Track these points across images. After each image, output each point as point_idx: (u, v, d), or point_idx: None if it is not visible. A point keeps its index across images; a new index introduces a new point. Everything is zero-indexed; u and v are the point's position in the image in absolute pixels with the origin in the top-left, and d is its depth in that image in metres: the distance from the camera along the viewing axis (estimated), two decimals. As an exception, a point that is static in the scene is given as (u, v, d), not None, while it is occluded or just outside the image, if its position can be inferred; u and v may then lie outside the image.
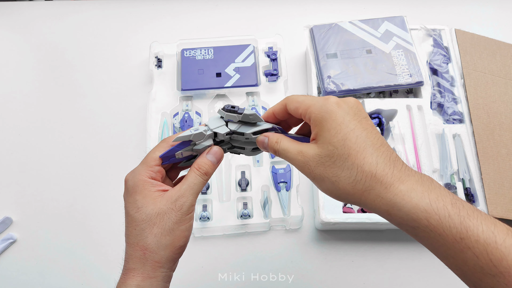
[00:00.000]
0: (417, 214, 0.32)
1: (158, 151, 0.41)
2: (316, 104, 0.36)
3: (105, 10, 0.90)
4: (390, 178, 0.33)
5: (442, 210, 0.32)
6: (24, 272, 0.66)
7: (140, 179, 0.39)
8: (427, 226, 0.32)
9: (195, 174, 0.39)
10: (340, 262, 0.66)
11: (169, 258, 0.38)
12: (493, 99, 0.72)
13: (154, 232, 0.37)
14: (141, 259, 0.37)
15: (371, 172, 0.34)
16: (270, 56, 0.78)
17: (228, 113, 0.40)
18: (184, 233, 0.38)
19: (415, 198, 0.33)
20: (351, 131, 0.35)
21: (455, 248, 0.31)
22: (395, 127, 0.70)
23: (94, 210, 0.70)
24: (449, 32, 0.79)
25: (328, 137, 0.35)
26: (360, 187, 0.34)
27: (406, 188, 0.33)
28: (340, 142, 0.34)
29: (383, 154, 0.35)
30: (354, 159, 0.34)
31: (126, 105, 0.79)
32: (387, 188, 0.33)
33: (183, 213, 0.38)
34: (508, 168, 0.67)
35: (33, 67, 0.83)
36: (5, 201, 0.71)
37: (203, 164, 0.40)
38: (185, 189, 0.39)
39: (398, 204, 0.33)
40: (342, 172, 0.34)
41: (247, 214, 0.66)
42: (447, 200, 0.33)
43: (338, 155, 0.34)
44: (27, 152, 0.75)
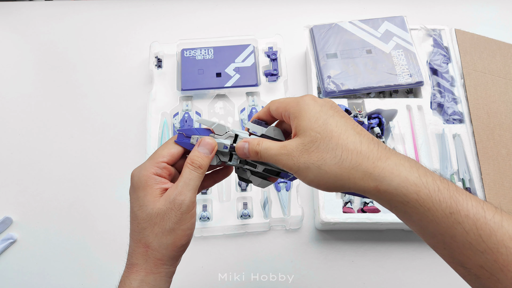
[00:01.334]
0: (407, 188, 0.32)
1: (167, 148, 0.40)
2: (294, 100, 0.38)
3: (105, 10, 0.90)
4: (376, 154, 0.33)
5: (432, 184, 0.32)
6: (24, 272, 0.66)
7: (144, 174, 0.39)
8: (416, 200, 0.31)
9: (189, 169, 0.38)
10: (340, 262, 0.66)
11: (171, 256, 0.38)
12: (493, 99, 0.72)
13: (155, 231, 0.37)
14: (144, 255, 0.37)
15: (356, 150, 0.33)
16: (270, 56, 0.78)
17: (254, 125, 0.41)
18: (186, 232, 0.38)
19: (404, 172, 0.32)
20: (330, 117, 0.35)
21: (445, 224, 0.31)
22: (395, 127, 0.70)
23: (94, 210, 0.70)
24: (449, 32, 0.79)
25: (309, 124, 0.35)
26: (347, 165, 0.33)
27: (394, 162, 0.33)
28: (321, 127, 0.35)
29: (365, 137, 0.35)
30: (337, 139, 0.34)
31: (126, 105, 0.79)
32: (374, 163, 0.33)
33: (183, 212, 0.37)
34: (508, 168, 0.67)
35: (33, 67, 0.83)
36: (5, 201, 0.71)
37: (195, 157, 0.39)
38: (182, 186, 0.38)
39: (387, 178, 0.32)
40: (327, 154, 0.34)
41: (247, 214, 0.66)
42: (435, 176, 0.33)
43: (321, 138, 0.34)
44: (27, 152, 0.75)
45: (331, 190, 0.36)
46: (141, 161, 0.72)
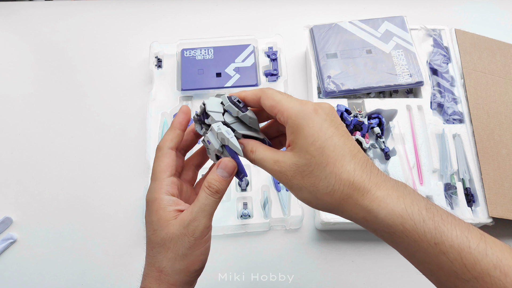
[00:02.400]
0: (393, 219, 0.32)
1: (161, 161, 0.38)
2: (294, 108, 0.35)
3: (105, 10, 0.90)
4: (367, 185, 0.33)
5: (417, 215, 0.32)
6: (24, 272, 0.66)
7: (155, 197, 0.37)
8: (402, 231, 0.32)
9: (205, 194, 0.37)
10: (340, 262, 0.66)
11: (184, 281, 0.37)
12: (493, 99, 0.72)
13: (168, 256, 0.36)
14: (157, 279, 0.37)
15: (349, 180, 0.33)
16: (270, 56, 0.78)
17: (231, 105, 0.38)
18: (199, 258, 0.37)
19: (391, 203, 0.33)
20: (329, 138, 0.34)
21: (430, 253, 0.32)
22: (395, 127, 0.70)
23: (94, 210, 0.70)
24: (449, 32, 0.79)
25: (305, 145, 0.34)
26: (338, 196, 0.34)
27: (382, 194, 0.33)
28: (318, 151, 0.34)
29: (360, 161, 0.34)
30: (333, 167, 0.33)
31: (126, 105, 0.79)
32: (364, 195, 0.33)
33: (196, 238, 0.36)
34: (508, 168, 0.67)
35: (33, 67, 0.83)
36: (5, 201, 0.71)
37: (213, 181, 0.37)
38: (197, 212, 0.36)
39: (374, 210, 0.33)
40: (320, 181, 0.34)
41: (247, 214, 0.66)
42: (421, 205, 0.33)
43: (315, 164, 0.34)
44: (27, 152, 0.75)
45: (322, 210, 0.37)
46: (141, 161, 0.73)
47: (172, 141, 0.39)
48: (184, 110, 0.40)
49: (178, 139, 0.40)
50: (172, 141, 0.39)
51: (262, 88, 0.38)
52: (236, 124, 0.39)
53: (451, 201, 0.66)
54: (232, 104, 0.38)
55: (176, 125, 0.40)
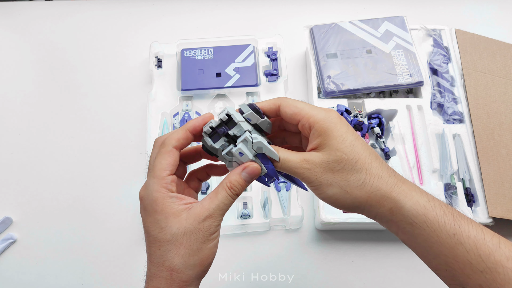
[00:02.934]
0: (417, 210, 0.35)
1: (163, 158, 0.37)
2: (319, 114, 0.37)
3: (105, 10, 0.90)
4: (393, 180, 0.36)
5: (438, 208, 0.35)
6: (24, 272, 0.66)
7: (158, 196, 0.36)
8: (424, 221, 0.34)
9: (227, 194, 0.37)
10: (340, 262, 0.66)
11: (197, 276, 0.37)
12: (493, 99, 0.72)
13: (181, 253, 0.36)
14: (168, 279, 0.36)
15: (378, 174, 0.36)
16: (270, 56, 0.78)
17: (253, 112, 0.38)
18: (212, 250, 0.37)
19: (416, 196, 0.36)
20: (356, 139, 0.37)
21: (448, 244, 0.34)
22: (395, 127, 0.70)
23: (94, 210, 0.70)
24: (449, 32, 0.79)
25: (336, 144, 0.36)
26: (368, 189, 0.36)
27: (407, 188, 0.36)
28: (348, 148, 0.36)
29: (382, 162, 0.37)
30: (363, 163, 0.36)
31: (126, 105, 0.79)
32: (392, 188, 0.36)
33: (210, 233, 0.36)
34: (508, 168, 0.67)
35: (33, 67, 0.83)
36: (5, 201, 0.71)
37: (237, 183, 0.37)
38: (215, 209, 0.36)
39: (401, 201, 0.35)
40: (352, 175, 0.36)
41: (247, 214, 0.66)
42: (441, 201, 0.36)
43: (347, 159, 0.36)
44: (27, 152, 0.75)
45: (344, 209, 0.37)
46: (141, 161, 0.72)
47: (179, 141, 0.38)
48: (206, 117, 0.39)
49: (186, 142, 0.38)
50: (179, 141, 0.38)
51: (279, 97, 0.39)
52: (254, 131, 0.39)
53: (451, 201, 0.66)
54: (254, 111, 0.38)
55: (190, 127, 0.38)
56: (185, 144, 0.39)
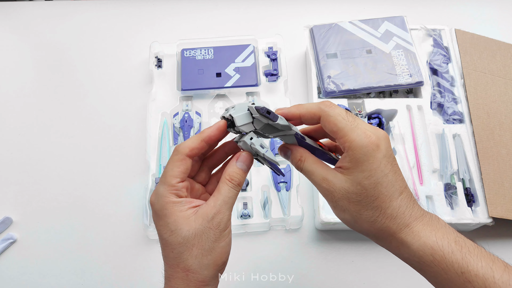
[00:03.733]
0: (424, 251, 0.35)
1: (176, 166, 0.38)
2: (357, 140, 0.35)
3: (105, 10, 0.90)
4: (407, 220, 0.36)
5: (447, 247, 0.35)
6: (24, 272, 0.66)
7: (166, 201, 0.37)
8: (432, 261, 0.35)
9: (228, 186, 0.37)
10: (340, 262, 0.66)
11: (213, 275, 0.37)
12: (493, 99, 0.72)
13: (194, 254, 0.36)
14: (184, 280, 0.36)
15: (391, 215, 0.36)
16: (270, 56, 0.78)
17: (261, 116, 0.37)
18: (225, 249, 0.38)
19: (424, 237, 0.36)
20: (385, 176, 0.35)
21: (456, 282, 0.34)
22: (395, 127, 0.70)
23: (94, 210, 0.70)
24: (449, 32, 0.79)
25: (361, 178, 0.35)
26: (378, 226, 0.36)
27: (417, 229, 0.36)
28: (371, 185, 0.35)
29: (406, 198, 0.37)
30: (381, 202, 0.36)
31: (126, 105, 0.79)
32: (401, 229, 0.36)
33: (221, 230, 0.36)
34: (508, 168, 0.67)
35: (33, 67, 0.83)
36: (5, 201, 0.71)
37: (235, 174, 0.38)
38: (220, 205, 0.36)
39: (408, 242, 0.36)
40: (366, 211, 0.36)
41: (247, 214, 0.66)
42: (451, 238, 0.36)
43: (366, 196, 0.36)
44: (27, 152, 0.75)
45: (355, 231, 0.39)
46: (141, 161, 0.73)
47: (193, 150, 0.38)
48: (221, 127, 0.39)
49: (199, 151, 0.39)
50: (192, 150, 0.38)
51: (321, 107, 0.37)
52: (267, 128, 0.39)
53: (451, 201, 0.66)
54: (261, 116, 0.37)
55: (206, 138, 0.39)
56: (198, 154, 0.39)
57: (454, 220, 0.63)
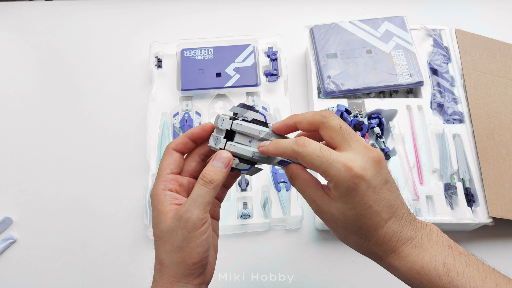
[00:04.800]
0: (411, 275, 0.36)
1: (164, 159, 0.40)
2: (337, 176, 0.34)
3: (105, 10, 0.90)
4: (393, 245, 0.36)
5: (433, 272, 0.35)
6: (24, 272, 0.66)
7: (155, 193, 0.39)
8: (419, 285, 0.36)
9: (199, 184, 0.37)
10: (340, 262, 0.66)
11: (184, 274, 0.37)
12: (493, 99, 0.72)
13: (166, 249, 0.37)
14: (159, 272, 0.38)
15: (377, 243, 0.36)
16: (270, 56, 0.78)
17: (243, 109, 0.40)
18: (195, 250, 0.36)
19: (410, 262, 0.36)
20: (369, 207, 0.35)
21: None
22: (395, 127, 0.70)
23: (94, 210, 0.70)
24: (449, 32, 0.79)
25: (344, 208, 0.35)
26: (364, 250, 0.38)
27: (404, 253, 0.36)
28: (355, 216, 0.35)
29: (394, 223, 0.36)
30: (365, 232, 0.36)
31: (126, 105, 0.79)
32: (388, 255, 0.37)
33: (189, 229, 0.36)
34: (508, 168, 0.67)
35: (33, 67, 0.83)
36: (5, 201, 0.71)
37: (207, 171, 0.37)
38: (189, 204, 0.36)
39: (395, 266, 0.37)
40: (352, 236, 0.37)
41: (247, 214, 0.66)
42: (439, 260, 0.36)
43: (350, 224, 0.36)
44: (27, 152, 0.75)
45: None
46: (140, 161, 0.73)
47: (178, 145, 0.41)
48: (204, 127, 0.41)
49: (184, 146, 0.41)
50: (178, 145, 0.41)
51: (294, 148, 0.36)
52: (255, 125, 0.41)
53: (451, 201, 0.66)
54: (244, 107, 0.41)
55: (189, 134, 0.41)
56: (183, 149, 0.41)
57: (454, 220, 0.63)
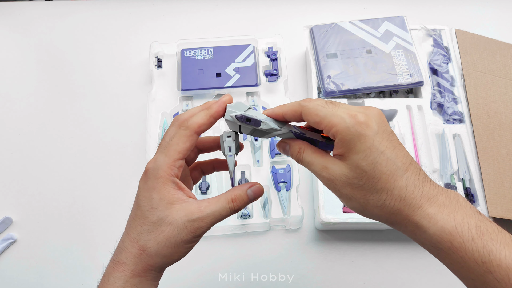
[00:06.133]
0: (442, 236, 0.33)
1: (182, 142, 0.36)
2: (342, 123, 0.33)
3: (105, 10, 0.90)
4: (418, 200, 0.33)
5: (466, 233, 0.32)
6: (24, 272, 0.66)
7: (162, 175, 0.36)
8: (449, 248, 0.32)
9: (228, 205, 0.36)
10: (340, 262, 0.66)
11: (164, 265, 0.37)
12: (493, 99, 0.72)
13: (159, 239, 0.35)
14: (136, 257, 0.36)
15: (400, 196, 0.33)
16: (270, 56, 0.78)
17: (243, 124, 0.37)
18: (187, 250, 0.37)
19: (441, 221, 0.33)
20: (381, 153, 0.33)
21: (476, 271, 0.32)
22: (395, 127, 0.70)
23: (94, 210, 0.70)
24: (449, 32, 0.79)
25: (357, 160, 0.33)
26: (388, 210, 0.34)
27: (433, 211, 0.33)
28: (369, 166, 0.33)
29: (412, 175, 0.34)
30: (384, 183, 0.33)
31: (126, 105, 0.79)
32: (414, 211, 0.33)
33: (195, 235, 0.36)
34: (508, 168, 0.67)
35: (33, 67, 0.83)
36: (5, 201, 0.71)
37: (241, 199, 0.37)
38: (208, 215, 0.36)
39: (424, 226, 0.33)
40: (371, 195, 0.34)
41: (247, 214, 0.66)
42: (472, 222, 0.33)
43: (367, 178, 0.33)
44: (27, 152, 0.75)
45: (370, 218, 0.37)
46: (141, 161, 0.73)
47: (201, 127, 0.37)
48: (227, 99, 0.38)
49: (207, 128, 0.37)
50: (201, 127, 0.37)
51: (300, 103, 0.36)
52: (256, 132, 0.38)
53: (451, 201, 0.66)
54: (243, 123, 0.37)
55: (214, 113, 0.37)
56: (206, 130, 0.38)
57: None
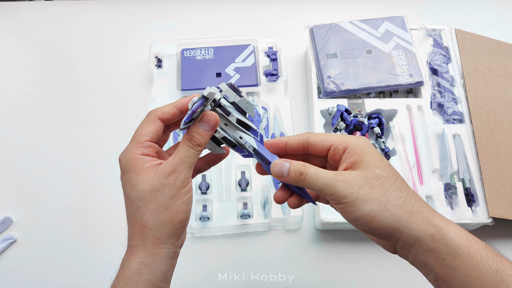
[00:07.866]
0: (461, 240, 0.33)
1: (146, 126, 0.39)
2: (352, 138, 0.38)
3: (105, 10, 0.90)
4: (431, 207, 0.35)
5: (480, 242, 0.34)
6: (24, 272, 0.66)
7: (131, 156, 0.38)
8: (467, 253, 0.33)
9: (187, 146, 0.37)
10: (340, 262, 0.66)
11: (170, 234, 0.37)
12: (493, 99, 0.72)
13: (150, 209, 0.36)
14: (141, 236, 0.37)
15: (417, 197, 0.35)
16: (270, 56, 0.78)
17: (229, 89, 0.38)
18: (182, 207, 0.37)
19: (457, 227, 0.34)
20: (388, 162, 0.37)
21: (490, 280, 0.32)
22: (395, 127, 0.70)
23: (94, 210, 0.70)
24: (449, 32, 0.79)
25: (373, 161, 0.36)
26: (409, 208, 0.34)
27: (445, 218, 0.35)
28: (386, 167, 0.36)
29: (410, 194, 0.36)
30: (402, 182, 0.36)
31: (126, 105, 0.79)
32: (433, 213, 0.35)
33: (177, 187, 0.37)
34: (508, 168, 0.67)
35: (33, 67, 0.83)
36: (5, 201, 0.71)
37: (195, 134, 0.37)
38: (177, 163, 0.37)
39: (444, 228, 0.34)
40: (392, 193, 0.35)
41: (247, 214, 0.66)
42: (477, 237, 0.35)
43: (385, 177, 0.35)
44: (27, 152, 0.75)
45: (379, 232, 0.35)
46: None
47: (164, 114, 0.39)
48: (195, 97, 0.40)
49: (170, 116, 0.40)
50: (164, 114, 0.39)
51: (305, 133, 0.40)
52: (232, 109, 0.39)
53: (451, 201, 0.66)
54: (232, 89, 0.38)
55: (178, 104, 0.40)
56: (169, 119, 0.40)
57: (454, 220, 0.63)
